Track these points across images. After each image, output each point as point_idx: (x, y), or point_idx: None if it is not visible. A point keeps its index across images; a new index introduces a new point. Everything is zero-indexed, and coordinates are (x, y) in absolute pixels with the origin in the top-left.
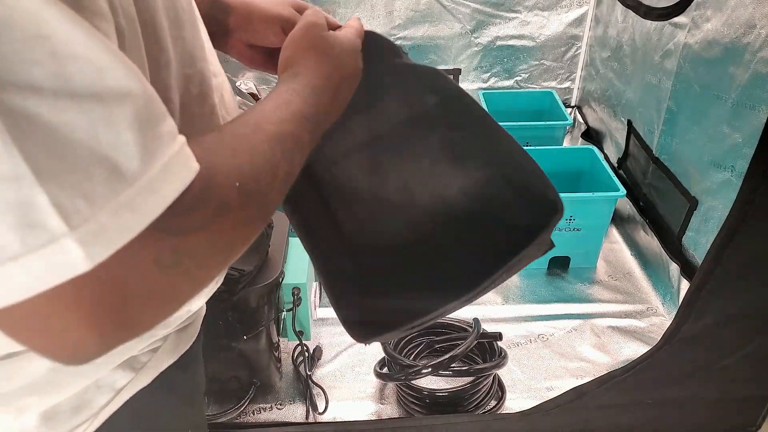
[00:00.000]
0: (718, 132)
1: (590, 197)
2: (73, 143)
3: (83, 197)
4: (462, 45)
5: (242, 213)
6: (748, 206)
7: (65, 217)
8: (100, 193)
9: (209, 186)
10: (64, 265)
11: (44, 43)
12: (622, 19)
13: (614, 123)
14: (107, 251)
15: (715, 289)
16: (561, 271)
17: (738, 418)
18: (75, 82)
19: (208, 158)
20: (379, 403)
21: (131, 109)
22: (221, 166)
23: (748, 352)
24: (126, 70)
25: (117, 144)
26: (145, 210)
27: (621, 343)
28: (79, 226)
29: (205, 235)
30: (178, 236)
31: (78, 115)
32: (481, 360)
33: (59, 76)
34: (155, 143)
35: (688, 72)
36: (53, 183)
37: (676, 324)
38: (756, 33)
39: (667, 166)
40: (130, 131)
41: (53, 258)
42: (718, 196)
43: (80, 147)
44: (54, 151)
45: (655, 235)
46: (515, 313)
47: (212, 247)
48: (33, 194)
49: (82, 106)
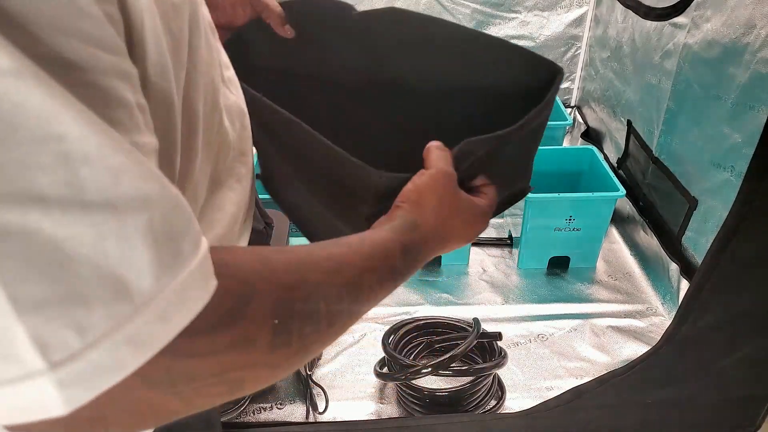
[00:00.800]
0: (717, 132)
1: (590, 197)
2: (75, 261)
3: (75, 329)
4: None
5: (265, 356)
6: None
7: (45, 352)
8: (97, 322)
9: (238, 311)
10: (35, 405)
11: (55, 146)
12: (622, 19)
13: (614, 123)
14: (91, 394)
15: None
16: (561, 271)
17: (738, 418)
18: (86, 189)
19: (250, 279)
20: (379, 403)
21: (147, 218)
22: (263, 293)
23: (748, 352)
24: (144, 172)
25: (127, 259)
26: (149, 344)
27: (621, 342)
28: (61, 365)
29: (210, 363)
30: (176, 358)
31: (86, 228)
32: (481, 360)
33: (71, 185)
34: (173, 259)
35: (687, 72)
36: (37, 312)
37: (676, 324)
38: (756, 33)
39: (666, 166)
40: (144, 245)
41: (25, 396)
42: (718, 196)
43: (83, 265)
44: (46, 273)
45: (655, 235)
46: (515, 313)
47: (215, 377)
48: (8, 324)
49: (93, 217)
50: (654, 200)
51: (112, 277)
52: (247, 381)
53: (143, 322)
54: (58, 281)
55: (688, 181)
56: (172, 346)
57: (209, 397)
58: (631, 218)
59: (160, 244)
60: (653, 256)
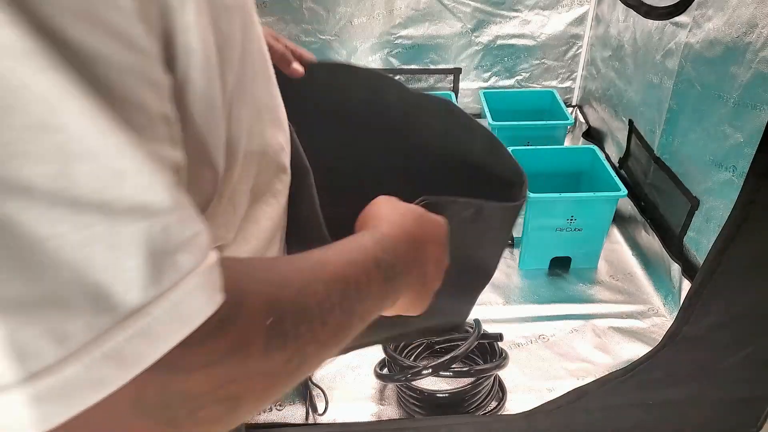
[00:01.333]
0: (719, 132)
1: (592, 197)
2: (56, 262)
3: (52, 337)
4: (462, 44)
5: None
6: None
7: (21, 362)
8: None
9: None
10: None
11: (52, 136)
12: (623, 18)
13: (615, 122)
14: (68, 412)
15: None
16: (562, 271)
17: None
18: (80, 187)
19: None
20: (380, 404)
21: (145, 228)
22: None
23: (750, 353)
24: (154, 181)
25: (114, 268)
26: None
27: (622, 343)
28: (37, 378)
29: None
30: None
31: (73, 229)
32: (482, 361)
33: (62, 179)
34: (167, 273)
35: (689, 71)
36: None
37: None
38: (758, 32)
39: (668, 165)
40: (136, 255)
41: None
42: (720, 196)
43: (64, 268)
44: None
45: (657, 235)
46: (516, 314)
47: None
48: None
49: (82, 218)
50: (655, 200)
51: (95, 285)
52: (243, 397)
53: (126, 337)
54: (34, 281)
55: (689, 181)
56: (163, 361)
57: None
58: (632, 218)
59: (154, 256)
60: (655, 256)
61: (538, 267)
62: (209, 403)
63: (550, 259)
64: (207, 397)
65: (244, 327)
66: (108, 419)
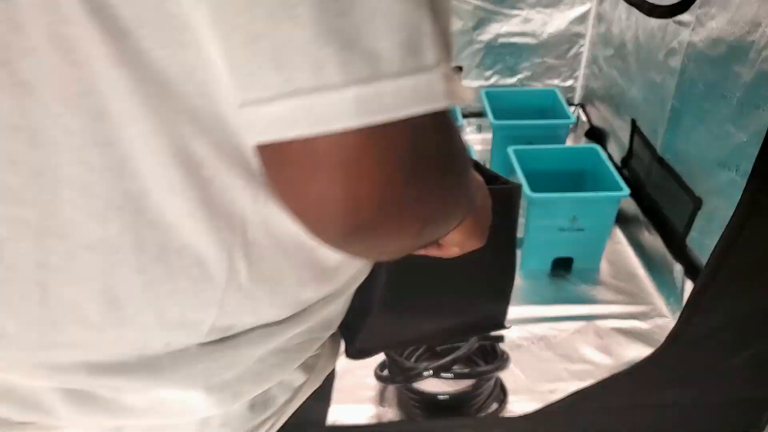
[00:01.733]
0: (722, 131)
1: (594, 197)
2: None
3: (408, 50)
4: (464, 42)
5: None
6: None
7: (437, 50)
8: (429, 53)
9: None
10: (427, 96)
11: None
12: (626, 16)
13: (618, 122)
14: (447, 101)
15: (719, 291)
16: (564, 272)
17: (742, 420)
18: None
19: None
20: (380, 406)
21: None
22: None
23: (753, 354)
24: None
25: (425, 25)
26: (432, 97)
27: (624, 344)
28: (439, 66)
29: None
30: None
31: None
32: (483, 362)
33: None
34: (448, 55)
35: (692, 70)
36: (434, 12)
37: (680, 325)
38: (761, 31)
39: (671, 165)
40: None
41: (422, 87)
42: (723, 196)
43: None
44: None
45: (659, 236)
46: (517, 315)
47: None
48: (422, 18)
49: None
50: (658, 200)
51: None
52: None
53: (432, 78)
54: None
55: (692, 181)
56: (425, 120)
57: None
58: (635, 218)
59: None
60: (657, 256)
61: (539, 267)
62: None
63: (552, 259)
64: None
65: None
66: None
